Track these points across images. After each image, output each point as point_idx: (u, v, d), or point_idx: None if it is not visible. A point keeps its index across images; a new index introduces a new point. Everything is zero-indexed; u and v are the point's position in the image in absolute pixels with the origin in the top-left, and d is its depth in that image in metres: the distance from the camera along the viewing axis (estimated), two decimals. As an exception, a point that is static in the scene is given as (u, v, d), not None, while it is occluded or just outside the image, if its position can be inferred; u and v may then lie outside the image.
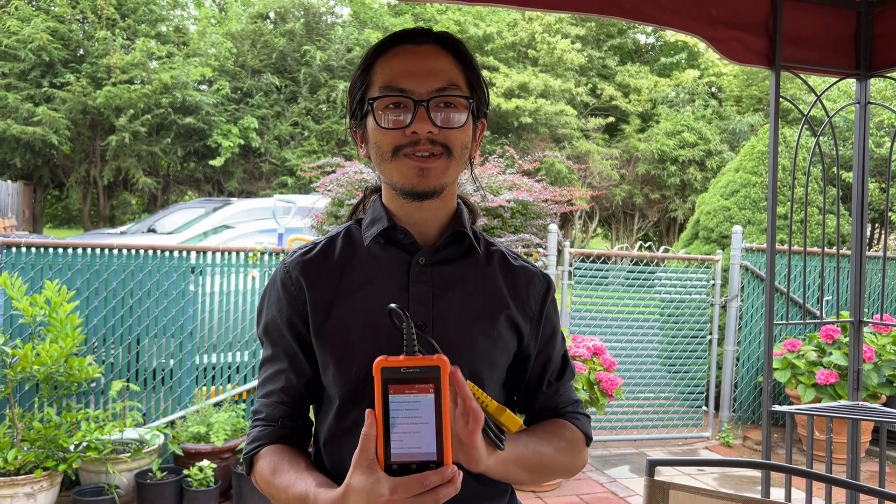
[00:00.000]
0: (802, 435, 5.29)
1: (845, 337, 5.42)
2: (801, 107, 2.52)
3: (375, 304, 1.18)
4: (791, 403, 5.67)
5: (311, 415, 1.29)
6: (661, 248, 6.18)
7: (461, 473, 0.91)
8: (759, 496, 4.61)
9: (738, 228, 5.95)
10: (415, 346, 0.93)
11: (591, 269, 5.55)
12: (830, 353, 5.35)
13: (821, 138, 2.58)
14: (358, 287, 1.20)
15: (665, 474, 4.55)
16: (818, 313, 5.38)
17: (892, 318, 6.22)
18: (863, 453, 5.45)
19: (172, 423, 4.48)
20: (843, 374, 5.24)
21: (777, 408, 2.46)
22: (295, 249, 1.28)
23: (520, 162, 5.58)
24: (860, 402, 2.55)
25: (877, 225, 14.79)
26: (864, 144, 2.53)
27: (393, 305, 0.97)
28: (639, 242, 5.59)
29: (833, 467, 3.27)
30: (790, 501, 2.48)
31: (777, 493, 4.48)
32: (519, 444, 1.13)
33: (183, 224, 10.42)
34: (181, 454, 4.14)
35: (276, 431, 1.22)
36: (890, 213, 6.40)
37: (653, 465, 1.91)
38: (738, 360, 6.12)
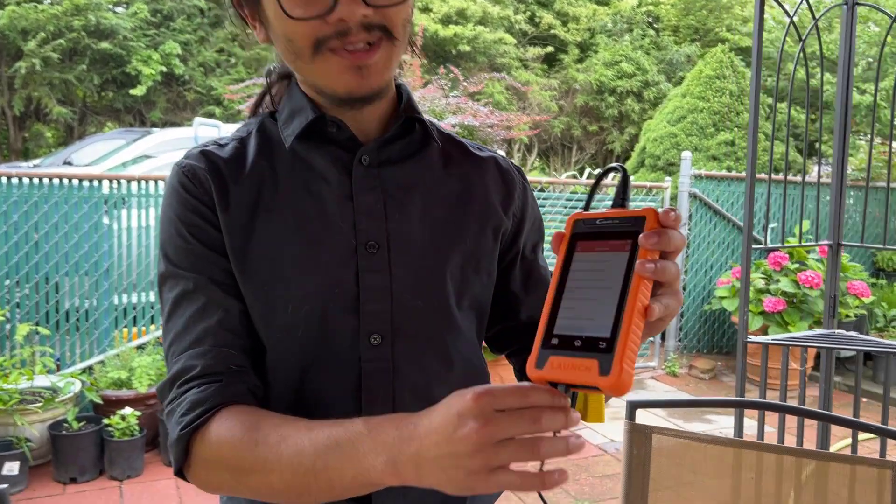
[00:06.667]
0: (753, 364, 5.26)
1: (793, 264, 5.37)
2: (787, 6, 2.26)
3: (312, 220, 0.87)
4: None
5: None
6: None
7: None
8: (708, 427, 4.57)
9: (686, 154, 5.79)
10: (623, 200, 0.70)
11: (538, 198, 5.31)
12: (778, 281, 5.30)
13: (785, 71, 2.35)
14: (285, 200, 0.88)
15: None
16: (763, 240, 5.30)
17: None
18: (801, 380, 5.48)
19: (90, 368, 4.10)
20: (790, 302, 5.20)
21: (753, 339, 2.27)
22: (189, 150, 0.92)
23: (464, 84, 5.23)
24: (836, 330, 2.39)
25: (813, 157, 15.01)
26: (850, 47, 2.30)
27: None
28: (574, 174, 5.37)
29: (787, 394, 3.17)
30: (763, 439, 2.32)
31: (726, 421, 4.44)
32: None
33: (101, 156, 9.82)
34: (100, 402, 3.78)
35: (226, 389, 0.81)
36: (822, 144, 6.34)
37: (634, 406, 1.68)
38: (684, 288, 6.04)
